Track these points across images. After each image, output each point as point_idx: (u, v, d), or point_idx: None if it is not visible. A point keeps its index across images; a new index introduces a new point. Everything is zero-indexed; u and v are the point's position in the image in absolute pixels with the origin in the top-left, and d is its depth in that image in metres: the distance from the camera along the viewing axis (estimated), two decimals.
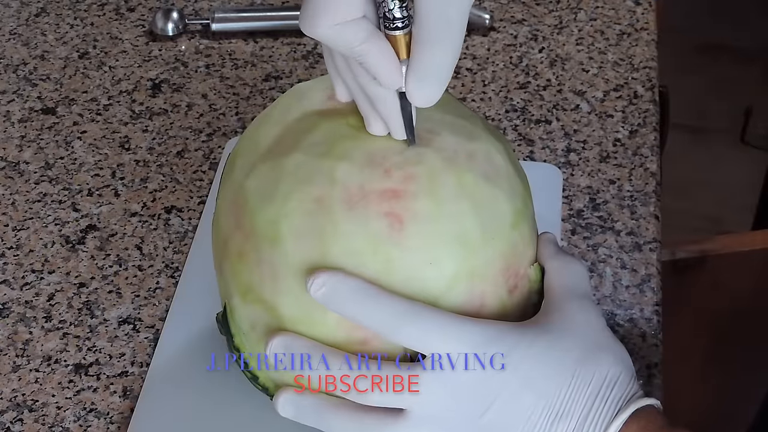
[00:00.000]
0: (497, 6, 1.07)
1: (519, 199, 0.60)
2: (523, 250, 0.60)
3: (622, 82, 0.97)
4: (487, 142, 0.60)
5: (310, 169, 0.57)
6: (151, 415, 0.68)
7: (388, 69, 0.54)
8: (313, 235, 0.56)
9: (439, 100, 0.59)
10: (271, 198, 0.58)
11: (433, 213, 0.56)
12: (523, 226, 0.60)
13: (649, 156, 0.89)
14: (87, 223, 0.84)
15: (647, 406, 0.57)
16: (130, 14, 1.07)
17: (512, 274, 0.59)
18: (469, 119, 0.61)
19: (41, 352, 0.74)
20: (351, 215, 0.55)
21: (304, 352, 0.57)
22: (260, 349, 0.60)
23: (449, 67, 0.54)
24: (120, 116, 0.95)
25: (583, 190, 0.86)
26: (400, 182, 0.56)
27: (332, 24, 0.52)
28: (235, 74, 0.99)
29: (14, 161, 0.90)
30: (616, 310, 0.75)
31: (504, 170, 0.60)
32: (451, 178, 0.57)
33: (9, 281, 0.79)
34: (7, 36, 1.04)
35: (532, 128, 0.92)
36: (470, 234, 0.57)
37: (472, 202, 0.57)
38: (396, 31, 0.53)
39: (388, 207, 0.56)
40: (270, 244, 0.57)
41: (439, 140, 0.59)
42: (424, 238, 0.56)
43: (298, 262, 0.56)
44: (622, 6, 1.07)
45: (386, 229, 0.55)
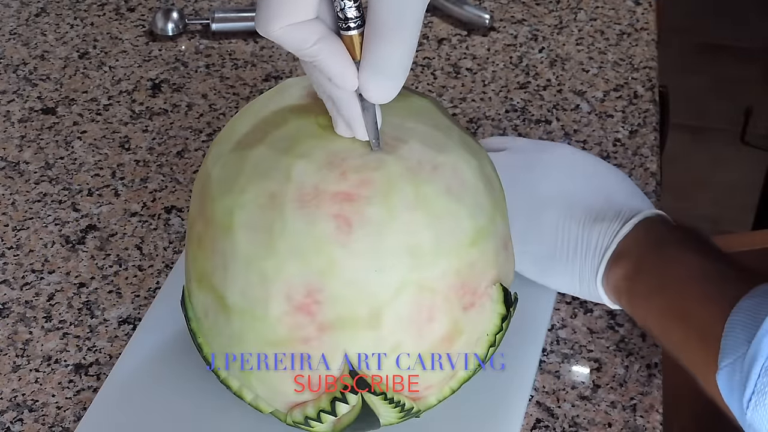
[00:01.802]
0: (497, 6, 1.07)
1: (484, 216, 0.59)
2: (483, 269, 0.59)
3: (622, 82, 0.97)
4: (458, 155, 0.59)
5: (270, 164, 0.57)
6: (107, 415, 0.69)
7: (340, 69, 0.53)
8: (262, 229, 0.56)
9: (418, 109, 0.59)
10: (230, 188, 0.58)
11: (384, 220, 0.55)
12: (485, 245, 0.59)
13: (649, 156, 0.89)
14: (87, 223, 0.84)
15: (657, 215, 0.68)
16: (130, 14, 1.07)
17: (468, 292, 0.58)
18: (444, 131, 0.60)
19: (41, 352, 0.74)
20: (300, 214, 0.55)
21: None
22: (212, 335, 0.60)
23: (403, 61, 0.53)
24: (120, 116, 0.95)
25: None
26: (355, 186, 0.56)
27: (284, 25, 0.52)
28: (235, 74, 0.99)
29: (14, 161, 0.90)
30: (616, 309, 0.75)
31: (471, 186, 0.59)
32: (408, 188, 0.56)
33: (9, 281, 0.79)
34: (7, 36, 1.04)
35: (532, 128, 0.92)
36: (422, 246, 0.56)
37: (428, 214, 0.56)
38: (350, 30, 0.53)
39: (339, 209, 0.55)
40: (223, 233, 0.58)
41: (405, 148, 0.58)
42: (371, 243, 0.55)
43: (246, 254, 0.57)
44: (622, 6, 1.07)
45: (333, 230, 0.55)
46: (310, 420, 0.59)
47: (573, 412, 0.69)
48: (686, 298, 0.62)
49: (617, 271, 0.67)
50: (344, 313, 0.56)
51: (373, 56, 0.53)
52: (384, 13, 0.52)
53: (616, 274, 0.67)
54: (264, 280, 0.56)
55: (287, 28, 0.52)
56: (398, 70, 0.53)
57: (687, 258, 0.64)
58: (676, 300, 0.63)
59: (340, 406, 0.58)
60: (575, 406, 0.70)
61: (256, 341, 0.58)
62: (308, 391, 0.58)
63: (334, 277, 0.55)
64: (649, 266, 0.66)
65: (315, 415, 0.59)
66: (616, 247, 0.67)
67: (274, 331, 0.57)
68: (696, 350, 0.61)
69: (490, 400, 0.67)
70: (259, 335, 0.57)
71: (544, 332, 0.73)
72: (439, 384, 0.60)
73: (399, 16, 0.52)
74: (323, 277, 0.55)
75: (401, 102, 0.60)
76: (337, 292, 0.55)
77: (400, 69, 0.53)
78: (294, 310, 0.56)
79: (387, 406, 0.59)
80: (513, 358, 0.69)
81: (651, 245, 0.67)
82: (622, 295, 0.67)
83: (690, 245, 0.66)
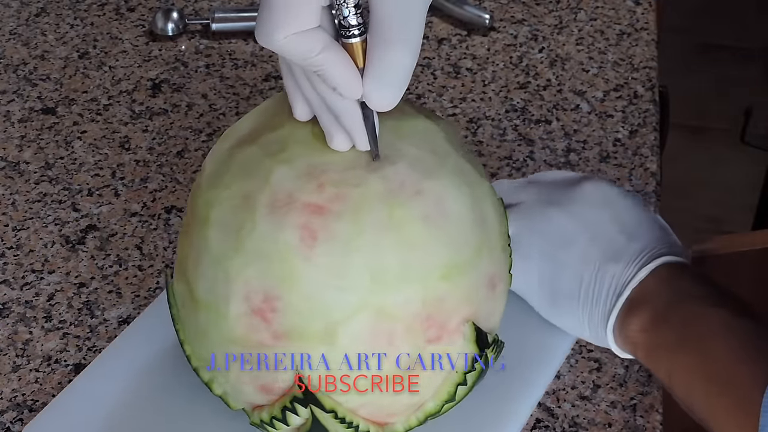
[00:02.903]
0: (497, 6, 1.07)
1: (465, 251, 0.57)
2: (455, 305, 0.57)
3: (622, 82, 0.97)
4: (447, 183, 0.57)
5: (254, 165, 0.57)
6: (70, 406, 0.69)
7: (347, 77, 0.53)
8: (232, 227, 0.56)
9: (418, 131, 0.58)
10: (215, 183, 0.58)
11: (350, 237, 0.55)
12: (460, 280, 0.57)
13: (649, 156, 0.89)
14: (87, 223, 0.84)
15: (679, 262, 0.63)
16: (130, 14, 1.07)
17: (435, 325, 0.57)
18: (440, 156, 0.58)
19: (41, 352, 0.74)
20: (269, 219, 0.55)
21: None
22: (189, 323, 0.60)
23: (407, 69, 0.53)
24: (120, 116, 0.95)
25: None
26: (328, 199, 0.55)
27: (288, 34, 0.51)
28: (235, 74, 0.99)
29: (14, 161, 0.90)
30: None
31: (455, 217, 0.57)
32: (383, 209, 0.55)
33: (9, 281, 0.79)
34: (7, 36, 1.04)
35: (532, 128, 0.92)
36: (386, 270, 0.55)
37: (398, 239, 0.55)
38: (352, 38, 0.53)
39: (306, 221, 0.55)
40: (200, 226, 0.58)
41: (390, 169, 0.56)
42: (334, 259, 0.55)
43: (215, 250, 0.57)
44: (622, 6, 1.07)
45: (297, 241, 0.55)
46: (265, 425, 0.59)
47: (573, 412, 0.69)
48: (715, 358, 0.58)
49: (633, 320, 0.63)
50: (299, 325, 0.55)
51: (380, 64, 0.52)
52: (388, 20, 0.51)
53: (631, 324, 0.63)
54: (227, 278, 0.56)
55: (292, 38, 0.51)
56: (403, 77, 0.53)
57: (711, 313, 0.60)
58: (703, 359, 0.59)
59: (291, 416, 0.58)
60: (575, 406, 0.70)
61: (217, 337, 0.58)
62: (264, 395, 0.58)
63: (292, 288, 0.55)
64: (670, 320, 0.61)
65: (269, 420, 0.59)
66: (630, 294, 0.63)
67: (232, 330, 0.57)
68: (731, 415, 0.56)
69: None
70: (220, 332, 0.57)
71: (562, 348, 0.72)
72: (404, 412, 0.59)
73: (403, 22, 0.52)
74: (282, 285, 0.55)
75: (401, 121, 0.59)
76: (294, 303, 0.55)
77: (405, 76, 0.53)
78: (251, 313, 0.56)
79: (338, 424, 0.58)
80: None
81: (671, 297, 0.62)
82: (638, 347, 0.63)
83: (713, 299, 0.61)
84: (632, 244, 0.64)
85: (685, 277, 0.63)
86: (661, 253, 0.64)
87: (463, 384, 0.59)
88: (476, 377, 0.60)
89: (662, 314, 0.61)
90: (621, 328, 0.63)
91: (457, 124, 0.93)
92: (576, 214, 0.67)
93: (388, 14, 0.51)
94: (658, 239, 0.65)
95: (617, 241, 0.65)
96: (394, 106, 0.54)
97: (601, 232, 0.66)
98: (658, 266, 0.63)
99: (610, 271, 0.64)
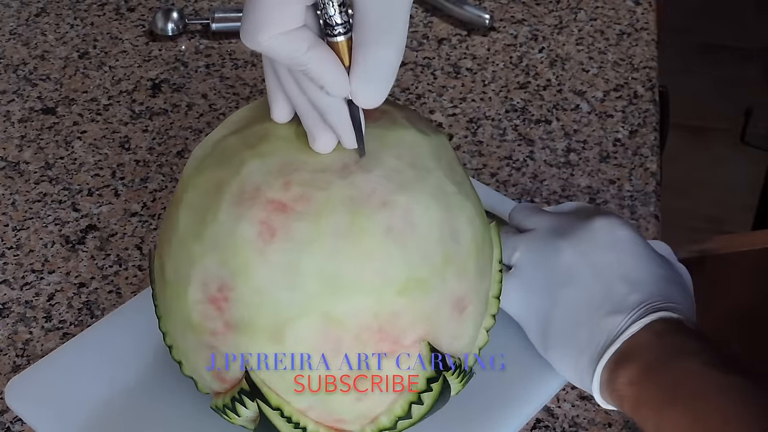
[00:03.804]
0: (497, 6, 1.07)
1: (428, 269, 0.56)
2: (410, 322, 0.56)
3: (622, 82, 0.97)
4: (420, 199, 0.56)
5: (232, 155, 0.58)
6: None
7: (334, 75, 0.53)
8: (199, 213, 0.57)
9: (404, 143, 0.58)
10: (197, 168, 0.59)
11: (307, 240, 0.54)
12: (419, 297, 0.55)
13: (649, 156, 0.89)
14: (87, 223, 0.84)
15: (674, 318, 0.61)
16: (130, 14, 1.07)
17: (387, 339, 0.55)
18: (419, 171, 0.57)
19: (41, 352, 0.74)
20: (232, 210, 0.56)
21: None
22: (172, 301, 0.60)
23: (393, 65, 0.53)
24: (120, 116, 0.95)
25: (583, 190, 0.86)
26: (292, 199, 0.55)
27: (275, 34, 0.51)
28: (235, 74, 0.99)
29: (14, 161, 0.90)
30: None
31: (422, 234, 0.56)
32: (344, 216, 0.54)
33: (9, 281, 0.79)
34: (7, 36, 1.04)
35: (532, 128, 0.92)
36: (339, 276, 0.54)
37: (356, 248, 0.54)
38: (338, 37, 0.53)
39: (267, 217, 0.55)
40: (175, 207, 0.59)
41: (362, 177, 0.56)
42: (287, 259, 0.54)
43: (182, 231, 0.58)
44: (622, 6, 1.07)
45: (254, 235, 0.55)
46: (221, 412, 0.60)
47: (573, 412, 0.69)
48: (706, 418, 0.56)
49: (622, 373, 0.60)
50: (248, 318, 0.55)
51: (366, 61, 0.52)
52: (372, 17, 0.51)
53: (619, 376, 0.61)
54: (190, 262, 0.57)
55: (277, 38, 0.51)
56: (390, 74, 0.53)
57: (704, 371, 0.58)
58: (693, 418, 0.57)
59: (240, 408, 0.58)
60: (575, 406, 0.70)
61: (177, 319, 0.58)
62: (219, 383, 0.59)
63: (245, 281, 0.55)
64: (660, 375, 0.59)
65: (222, 408, 0.59)
66: (621, 346, 0.61)
67: (189, 314, 0.57)
68: None
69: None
70: (179, 314, 0.58)
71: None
72: (355, 421, 0.58)
73: (388, 19, 0.51)
74: (235, 277, 0.55)
75: (388, 131, 0.58)
76: (245, 296, 0.55)
77: (391, 72, 0.53)
78: (207, 300, 0.56)
79: (285, 423, 0.58)
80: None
81: (663, 352, 0.60)
82: (625, 400, 0.61)
83: (707, 356, 0.59)
84: (632, 295, 0.62)
85: (679, 332, 0.61)
86: (659, 308, 0.62)
87: (419, 403, 0.58)
88: (434, 399, 0.59)
89: (653, 369, 0.59)
90: (608, 379, 0.61)
91: (457, 124, 0.93)
92: (582, 252, 0.65)
93: (372, 12, 0.51)
94: (660, 291, 0.63)
95: (617, 290, 0.63)
96: (380, 103, 0.54)
97: (604, 276, 0.64)
98: (654, 320, 0.61)
99: (604, 319, 0.62)
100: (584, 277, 0.64)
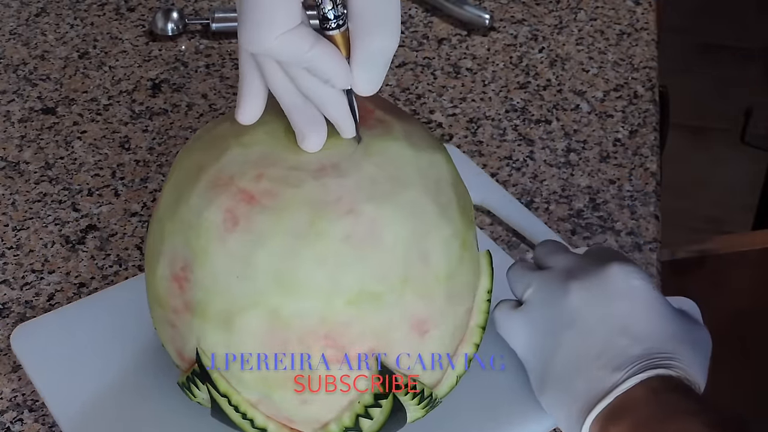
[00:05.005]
0: (497, 6, 1.07)
1: (384, 283, 0.55)
2: (359, 334, 0.55)
3: (622, 82, 0.97)
4: (391, 212, 0.55)
5: (219, 141, 0.59)
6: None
7: (339, 68, 0.54)
8: (178, 191, 0.58)
9: (386, 154, 0.57)
10: (189, 149, 0.61)
11: (265, 234, 0.54)
12: (371, 311, 0.55)
13: (649, 156, 0.89)
14: (87, 223, 0.84)
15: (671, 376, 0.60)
16: (130, 14, 1.07)
17: (333, 347, 0.55)
18: (398, 183, 0.56)
19: None
20: (203, 194, 0.56)
21: None
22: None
23: (390, 53, 0.54)
24: (120, 116, 0.95)
25: (583, 190, 0.86)
26: (261, 192, 0.55)
27: (278, 35, 0.51)
28: (235, 74, 0.99)
29: (14, 161, 0.90)
30: None
31: (387, 247, 0.55)
32: (305, 216, 0.54)
33: (9, 281, 0.79)
34: (7, 36, 1.04)
35: (532, 128, 0.92)
36: (290, 275, 0.54)
37: (311, 250, 0.54)
38: (334, 30, 0.54)
39: (234, 205, 0.55)
40: (165, 183, 0.61)
41: (335, 182, 0.55)
42: (244, 249, 0.55)
43: (161, 208, 0.59)
44: (622, 6, 1.07)
45: (218, 221, 0.55)
46: (183, 388, 0.61)
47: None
48: None
49: (612, 428, 0.59)
50: (203, 302, 0.56)
51: (366, 51, 0.53)
52: (368, 8, 0.52)
53: (609, 430, 0.59)
54: (161, 238, 0.58)
55: (282, 38, 0.51)
56: (387, 62, 0.55)
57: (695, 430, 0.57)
58: None
59: (193, 388, 0.59)
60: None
61: (150, 292, 0.60)
62: (180, 361, 0.60)
63: (203, 265, 0.56)
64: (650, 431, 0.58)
65: (181, 385, 0.60)
66: (615, 400, 0.59)
67: (157, 288, 0.59)
68: None
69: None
70: (151, 288, 0.60)
71: None
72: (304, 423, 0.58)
73: (382, 9, 0.53)
74: (196, 259, 0.56)
75: (374, 139, 0.58)
76: (202, 279, 0.56)
77: (389, 60, 0.55)
78: (171, 277, 0.57)
79: (232, 410, 0.58)
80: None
81: (657, 410, 0.58)
82: None
83: (702, 416, 0.57)
84: (632, 348, 0.61)
85: (677, 391, 0.59)
86: (659, 364, 0.60)
87: (367, 417, 0.57)
88: (385, 416, 0.58)
89: (645, 426, 0.58)
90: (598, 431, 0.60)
91: (457, 124, 0.93)
92: (591, 297, 0.63)
93: (370, 4, 0.52)
94: (665, 347, 0.61)
95: (617, 341, 0.61)
96: (377, 90, 0.55)
97: (607, 324, 0.62)
98: (651, 377, 0.59)
99: (600, 370, 0.61)
100: (588, 323, 0.62)
